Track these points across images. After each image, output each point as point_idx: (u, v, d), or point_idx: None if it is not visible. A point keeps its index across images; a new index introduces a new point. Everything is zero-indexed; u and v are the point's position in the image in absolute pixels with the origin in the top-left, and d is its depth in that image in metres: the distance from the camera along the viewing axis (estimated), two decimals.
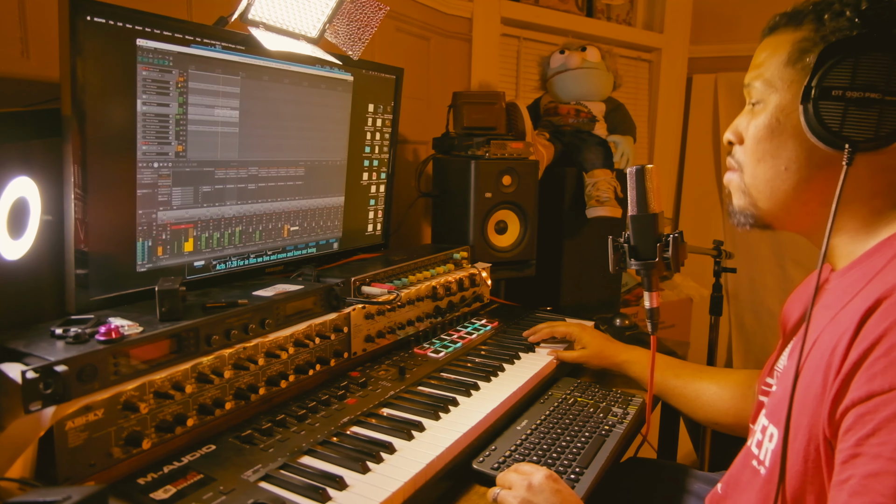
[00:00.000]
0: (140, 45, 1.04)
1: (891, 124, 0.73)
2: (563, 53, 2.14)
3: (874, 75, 0.74)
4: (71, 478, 0.83)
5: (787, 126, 0.83)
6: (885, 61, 0.73)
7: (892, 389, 0.62)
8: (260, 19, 1.24)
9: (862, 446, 0.63)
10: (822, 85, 0.76)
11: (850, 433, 0.65)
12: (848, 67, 0.75)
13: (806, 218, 0.87)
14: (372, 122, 1.64)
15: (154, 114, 1.09)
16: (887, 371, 0.63)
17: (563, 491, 0.91)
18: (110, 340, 0.88)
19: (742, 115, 0.92)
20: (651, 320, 1.08)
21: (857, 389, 0.65)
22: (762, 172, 0.87)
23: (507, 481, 0.96)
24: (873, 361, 0.65)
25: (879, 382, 0.63)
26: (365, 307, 1.33)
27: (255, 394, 1.08)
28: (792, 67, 0.83)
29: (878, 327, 0.65)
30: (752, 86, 0.89)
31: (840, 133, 0.76)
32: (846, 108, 0.75)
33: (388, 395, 1.19)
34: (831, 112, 0.76)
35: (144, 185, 1.10)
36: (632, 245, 1.07)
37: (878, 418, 0.62)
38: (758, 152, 0.87)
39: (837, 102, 0.75)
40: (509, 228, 1.88)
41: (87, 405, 0.84)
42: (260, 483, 0.89)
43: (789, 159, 0.84)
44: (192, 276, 1.22)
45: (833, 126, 0.76)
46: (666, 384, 1.33)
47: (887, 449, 0.61)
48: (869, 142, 0.74)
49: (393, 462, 0.97)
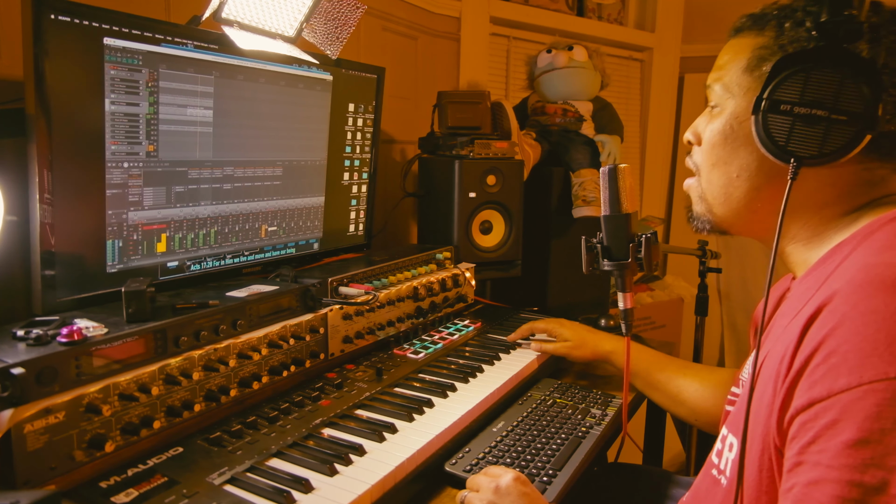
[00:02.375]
0: (108, 43, 1.03)
1: (835, 142, 0.73)
2: (550, 53, 2.13)
3: (822, 92, 0.73)
4: (31, 481, 0.82)
5: (739, 134, 0.84)
6: (834, 78, 0.72)
7: (829, 396, 0.61)
8: (234, 18, 1.23)
9: (803, 454, 0.63)
10: (773, 98, 0.76)
11: (794, 441, 0.64)
12: (799, 82, 0.74)
13: (758, 225, 0.87)
14: (353, 122, 1.62)
15: (123, 113, 1.08)
16: (825, 378, 0.62)
17: (530, 494, 0.90)
18: (72, 342, 0.87)
19: (701, 117, 0.93)
20: (625, 321, 1.07)
21: (800, 397, 0.65)
22: (716, 178, 0.88)
23: (475, 484, 0.95)
24: (813, 369, 0.64)
25: (818, 389, 0.63)
26: (343, 308, 1.32)
27: (226, 395, 1.06)
28: (750, 74, 0.83)
29: (819, 334, 0.65)
30: (712, 88, 0.89)
31: (786, 147, 0.76)
32: (793, 123, 0.74)
33: (364, 396, 1.18)
34: (779, 126, 0.76)
35: (114, 185, 1.09)
36: (605, 245, 1.06)
37: (818, 426, 0.62)
38: (712, 157, 0.88)
39: (785, 117, 0.75)
40: (494, 228, 1.87)
41: (47, 408, 0.82)
42: (225, 486, 0.88)
43: (741, 167, 0.84)
44: (165, 276, 1.21)
45: (780, 140, 0.76)
46: (650, 378, 1.32)
47: (825, 456, 0.60)
48: (813, 158, 0.74)
49: (362, 464, 0.96)
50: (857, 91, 0.71)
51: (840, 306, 0.64)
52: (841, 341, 0.63)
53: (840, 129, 0.72)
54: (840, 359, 0.62)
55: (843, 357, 0.62)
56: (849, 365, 0.61)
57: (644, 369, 1.32)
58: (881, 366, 0.59)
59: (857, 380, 0.60)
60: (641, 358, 1.34)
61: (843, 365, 0.61)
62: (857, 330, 0.62)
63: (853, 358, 0.61)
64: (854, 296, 0.64)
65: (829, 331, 0.64)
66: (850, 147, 0.72)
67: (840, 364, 0.62)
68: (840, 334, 0.63)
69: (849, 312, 0.63)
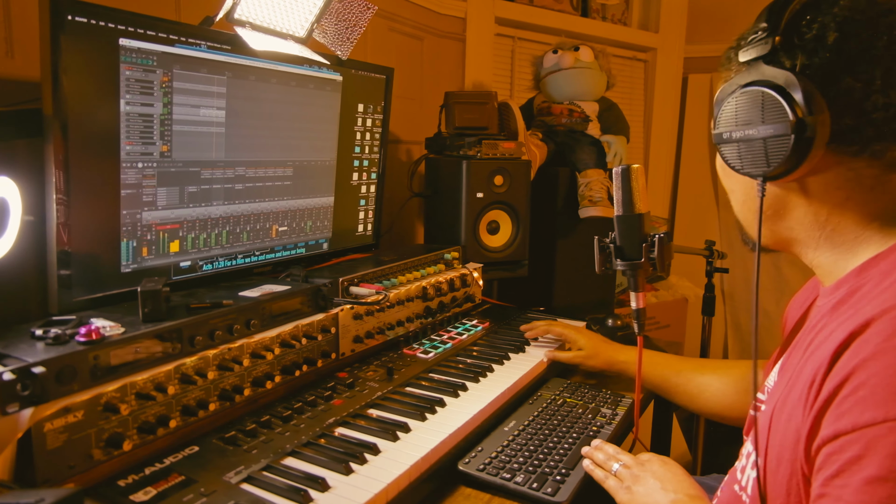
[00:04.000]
0: (123, 44, 1.03)
1: (778, 154, 0.74)
2: (555, 53, 2.14)
3: (750, 112, 0.76)
4: (50, 479, 0.82)
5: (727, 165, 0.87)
6: (755, 96, 0.75)
7: (855, 430, 0.61)
8: (246, 19, 1.24)
9: (827, 486, 0.63)
10: (717, 130, 0.80)
11: (820, 472, 0.65)
12: (731, 109, 0.78)
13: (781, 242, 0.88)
14: (362, 122, 1.63)
15: (138, 114, 1.08)
16: (853, 410, 0.62)
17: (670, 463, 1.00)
18: (90, 342, 0.87)
19: None
20: (637, 321, 1.08)
21: (827, 427, 0.65)
22: (735, 206, 0.91)
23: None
24: (842, 400, 0.64)
25: (845, 422, 0.62)
26: (353, 308, 1.32)
27: (240, 395, 1.07)
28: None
29: (849, 364, 0.64)
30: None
31: (742, 171, 0.79)
32: (738, 148, 0.78)
33: (375, 395, 1.18)
34: (730, 153, 0.80)
35: (128, 186, 1.09)
36: (618, 245, 1.06)
37: (843, 459, 0.62)
38: (726, 188, 0.91)
39: (730, 144, 0.79)
40: (501, 228, 1.87)
41: (67, 406, 0.83)
42: (242, 485, 0.88)
43: (743, 192, 0.87)
44: (178, 276, 1.22)
45: (735, 166, 0.80)
46: (668, 382, 1.32)
47: (847, 492, 0.61)
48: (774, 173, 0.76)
49: (377, 463, 0.96)
50: (778, 101, 0.73)
51: (873, 337, 0.64)
52: (871, 374, 0.62)
53: (777, 141, 0.74)
54: (868, 392, 0.62)
55: (872, 391, 0.61)
56: (876, 399, 0.61)
57: (660, 375, 1.33)
58: None
59: (884, 415, 0.60)
60: (656, 363, 1.34)
61: (870, 399, 0.61)
62: (887, 364, 0.61)
63: (881, 392, 0.61)
64: (888, 328, 0.63)
65: (860, 362, 0.63)
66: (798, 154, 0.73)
67: (868, 397, 0.61)
68: (871, 367, 0.62)
69: (881, 345, 0.63)
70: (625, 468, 1.02)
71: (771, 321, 3.17)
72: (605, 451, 1.08)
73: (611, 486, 1.02)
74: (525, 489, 0.99)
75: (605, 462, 1.05)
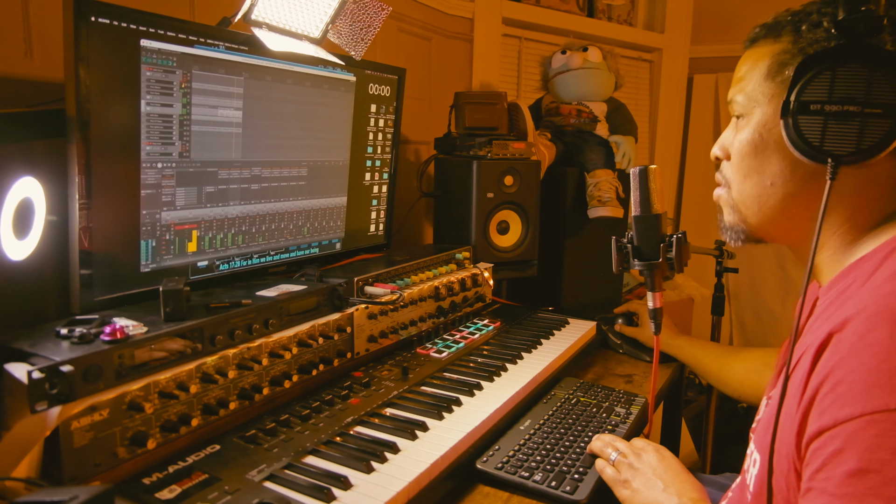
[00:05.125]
0: (144, 45, 1.04)
1: (872, 136, 0.72)
2: (564, 54, 2.14)
3: (852, 87, 0.72)
4: (76, 478, 0.83)
5: (769, 141, 0.83)
6: (862, 73, 0.72)
7: (835, 425, 0.63)
8: (263, 20, 1.24)
9: (813, 481, 0.65)
10: (801, 99, 0.75)
11: (807, 467, 0.66)
12: (825, 80, 0.73)
13: (793, 232, 0.87)
14: (374, 123, 1.64)
15: (158, 114, 1.09)
16: (832, 406, 0.64)
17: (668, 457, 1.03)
18: (115, 341, 0.88)
19: (727, 131, 0.92)
20: (654, 320, 1.09)
21: (812, 424, 0.67)
22: (748, 188, 0.87)
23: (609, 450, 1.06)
24: (823, 397, 0.66)
25: (826, 418, 0.64)
26: (368, 307, 1.33)
27: (259, 394, 1.08)
28: (772, 81, 0.83)
29: (829, 363, 0.66)
30: (735, 100, 0.89)
31: (821, 147, 0.74)
32: (826, 122, 0.74)
33: (392, 395, 1.19)
34: (811, 126, 0.75)
35: (148, 186, 1.10)
36: (635, 245, 1.07)
37: (826, 454, 0.64)
38: (743, 168, 0.87)
39: (816, 116, 0.74)
40: (511, 228, 1.88)
41: (93, 405, 0.84)
42: (265, 483, 0.89)
43: (774, 174, 0.84)
44: (195, 276, 1.22)
45: (814, 140, 0.75)
46: (699, 362, 1.52)
47: (831, 484, 0.62)
48: (851, 155, 0.73)
49: (397, 462, 0.97)
50: (889, 83, 0.70)
51: (849, 336, 0.66)
52: (847, 371, 0.64)
53: (876, 123, 0.71)
54: (846, 388, 0.64)
55: (849, 387, 0.64)
56: (853, 395, 0.63)
57: (693, 356, 1.54)
58: (882, 397, 0.61)
59: (860, 410, 0.62)
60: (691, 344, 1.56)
61: (848, 395, 0.63)
62: (862, 361, 0.64)
63: (857, 388, 0.63)
64: (863, 326, 0.66)
65: (838, 360, 0.66)
66: (888, 140, 0.71)
67: (846, 394, 0.64)
68: (847, 364, 0.65)
69: (856, 343, 0.65)
70: (622, 458, 1.04)
71: (776, 320, 3.19)
72: (602, 438, 1.10)
73: (609, 477, 1.03)
74: (544, 487, 1.00)
75: (602, 450, 1.07)
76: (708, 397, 1.92)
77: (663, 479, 0.98)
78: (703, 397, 2.48)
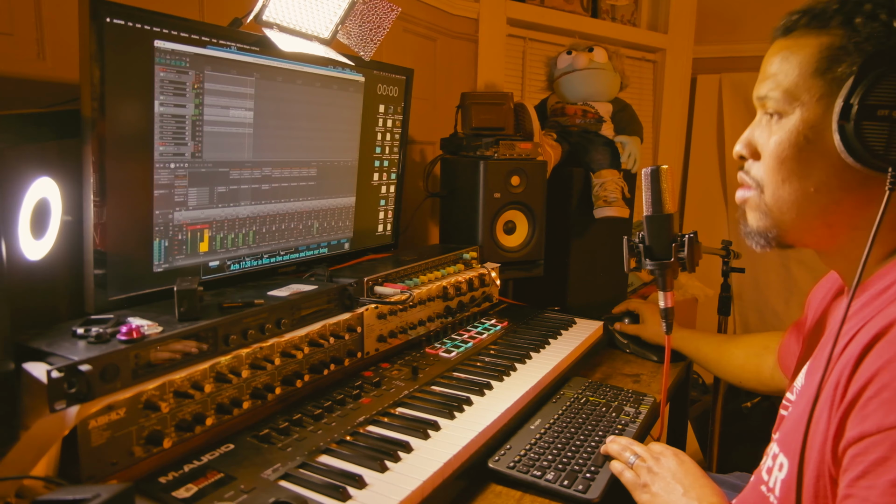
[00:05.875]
0: (158, 46, 1.04)
1: None
2: (570, 54, 2.14)
3: None
4: (93, 476, 0.83)
5: (816, 144, 0.76)
6: None
7: (880, 431, 0.62)
8: (274, 20, 1.25)
9: (853, 487, 0.63)
10: (866, 102, 0.68)
11: (846, 473, 0.65)
12: (893, 84, 0.67)
13: (831, 240, 0.83)
14: (382, 123, 1.64)
15: (171, 115, 1.09)
16: (877, 412, 0.62)
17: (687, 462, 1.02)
18: (132, 340, 0.89)
19: (756, 128, 0.85)
20: (665, 320, 1.09)
21: (852, 429, 0.65)
22: (787, 194, 0.80)
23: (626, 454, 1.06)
24: (866, 401, 0.64)
25: (870, 423, 0.63)
26: (377, 307, 1.33)
27: (271, 393, 1.08)
28: (821, 78, 0.75)
29: (873, 366, 0.64)
30: (769, 97, 0.81)
31: (887, 156, 0.69)
32: (892, 129, 0.68)
33: (403, 394, 1.20)
34: (875, 133, 0.68)
35: (161, 186, 1.10)
36: (647, 245, 1.07)
37: (868, 460, 0.62)
38: (782, 172, 0.80)
39: (883, 123, 0.68)
40: (518, 228, 1.88)
41: (110, 404, 0.84)
42: (280, 482, 0.89)
43: (819, 180, 0.77)
44: (207, 276, 1.23)
45: (878, 149, 0.69)
46: (699, 351, 1.54)
47: (874, 493, 0.61)
48: None
49: (410, 461, 0.97)
50: None
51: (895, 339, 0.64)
52: (894, 376, 0.62)
53: None
54: (892, 394, 0.62)
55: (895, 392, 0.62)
56: None
57: (694, 346, 1.55)
58: None
59: None
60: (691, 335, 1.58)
61: (894, 401, 0.61)
62: None
63: None
64: None
65: (884, 363, 0.63)
66: None
67: (892, 400, 0.62)
68: (893, 368, 0.63)
69: None
70: (641, 462, 1.03)
71: (780, 320, 3.19)
72: (619, 441, 1.09)
73: (627, 480, 1.02)
74: (556, 486, 1.00)
75: (620, 453, 1.06)
76: (714, 397, 1.92)
77: (683, 484, 0.97)
78: (707, 397, 2.49)
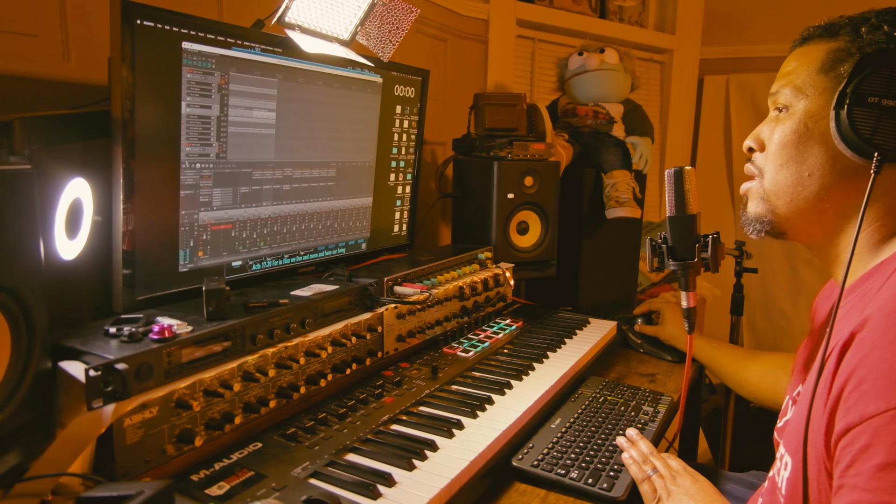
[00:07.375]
0: (185, 47, 1.05)
1: None
2: (581, 55, 2.15)
3: None
4: (128, 474, 0.84)
5: (814, 132, 0.85)
6: None
7: (862, 421, 0.65)
8: (296, 22, 1.26)
9: (844, 477, 0.66)
10: (858, 91, 0.76)
11: (838, 465, 0.68)
12: (884, 77, 0.76)
13: (820, 228, 0.88)
14: (399, 124, 1.65)
15: (197, 115, 1.10)
16: (858, 404, 0.66)
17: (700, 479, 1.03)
18: (164, 339, 0.89)
19: (765, 124, 0.93)
20: (688, 320, 1.10)
21: (839, 422, 0.69)
22: (784, 178, 0.88)
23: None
24: (848, 395, 0.68)
25: (853, 415, 0.66)
26: (397, 307, 1.34)
27: (296, 392, 1.09)
28: (825, 75, 0.85)
29: (852, 361, 0.69)
30: (780, 93, 0.90)
31: (871, 140, 0.76)
32: (879, 116, 0.75)
33: (424, 393, 1.20)
34: (864, 119, 0.76)
35: (187, 186, 1.11)
36: (670, 245, 1.08)
37: (854, 450, 0.65)
38: (781, 157, 0.88)
39: (871, 110, 0.76)
40: (531, 229, 1.89)
41: (144, 403, 0.85)
42: (310, 479, 0.90)
43: (813, 165, 0.85)
44: (229, 276, 1.24)
45: (865, 133, 0.76)
46: (716, 362, 1.54)
47: (861, 479, 0.64)
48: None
49: (437, 459, 0.98)
50: None
51: (870, 334, 0.68)
52: (870, 369, 0.66)
53: None
54: (870, 385, 0.66)
55: (873, 384, 0.66)
56: (877, 391, 0.65)
57: (711, 356, 1.54)
58: None
59: (885, 405, 0.64)
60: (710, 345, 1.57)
61: (872, 392, 0.65)
62: (884, 357, 0.66)
63: (881, 384, 0.65)
64: (882, 324, 0.68)
65: (861, 358, 0.68)
66: None
67: (870, 390, 0.65)
68: (870, 362, 0.67)
69: (877, 341, 0.67)
70: (658, 477, 1.03)
71: (787, 321, 3.20)
72: (640, 448, 1.10)
73: (645, 492, 1.03)
74: (581, 485, 1.01)
75: (639, 464, 1.06)
76: (726, 397, 1.93)
77: (697, 501, 0.99)
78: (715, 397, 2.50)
